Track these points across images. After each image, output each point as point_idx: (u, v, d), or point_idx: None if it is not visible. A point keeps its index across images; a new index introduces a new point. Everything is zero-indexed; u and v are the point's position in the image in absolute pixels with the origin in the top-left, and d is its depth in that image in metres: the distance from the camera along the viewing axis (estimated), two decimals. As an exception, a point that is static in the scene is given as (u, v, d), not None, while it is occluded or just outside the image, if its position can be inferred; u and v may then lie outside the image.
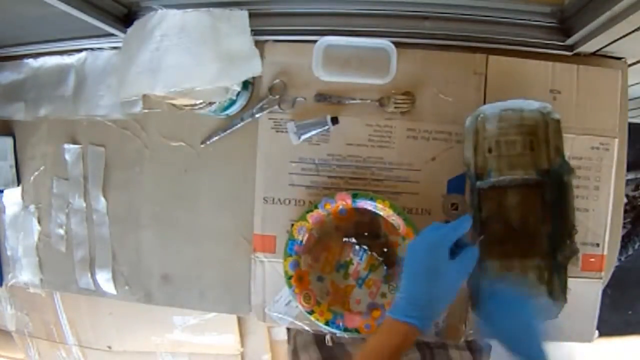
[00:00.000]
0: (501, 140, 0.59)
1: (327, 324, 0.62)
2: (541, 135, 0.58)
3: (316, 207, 0.61)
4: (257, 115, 0.66)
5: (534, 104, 0.58)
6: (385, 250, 0.64)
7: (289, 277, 0.62)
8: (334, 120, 0.63)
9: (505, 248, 0.59)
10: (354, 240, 0.64)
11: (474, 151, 0.59)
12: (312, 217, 0.62)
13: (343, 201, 0.61)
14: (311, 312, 0.62)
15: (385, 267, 0.64)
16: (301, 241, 0.62)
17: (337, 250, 0.65)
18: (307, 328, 0.66)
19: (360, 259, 0.64)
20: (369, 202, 0.61)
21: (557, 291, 0.56)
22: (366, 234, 0.64)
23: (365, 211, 0.62)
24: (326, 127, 0.63)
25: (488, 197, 0.60)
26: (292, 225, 0.62)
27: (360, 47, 0.63)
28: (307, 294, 0.62)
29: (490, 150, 0.60)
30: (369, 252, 0.64)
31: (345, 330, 0.62)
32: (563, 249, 0.56)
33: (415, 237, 0.51)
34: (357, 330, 0.61)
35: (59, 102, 0.75)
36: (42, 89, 0.76)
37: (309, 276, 0.63)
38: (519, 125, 0.59)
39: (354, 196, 0.61)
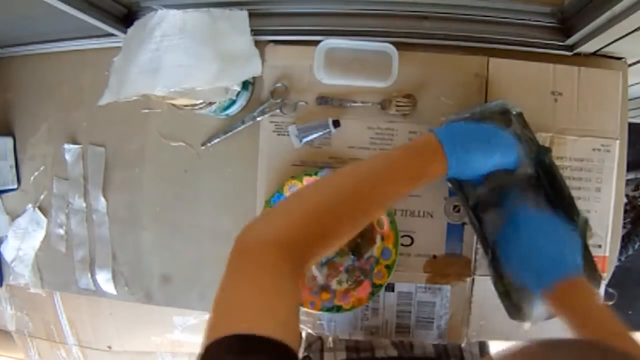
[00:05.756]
0: None
1: None
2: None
3: (315, 174, 0.62)
4: (258, 119, 0.66)
5: (491, 105, 0.57)
6: (359, 242, 0.64)
7: None
8: (336, 123, 0.63)
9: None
10: None
11: None
12: (307, 181, 0.62)
13: None
14: None
15: (352, 257, 0.64)
16: None
17: None
18: (309, 331, 0.66)
19: None
20: None
21: (588, 269, 0.54)
22: None
23: None
24: (328, 130, 0.63)
25: (483, 206, 0.59)
26: (287, 180, 0.62)
27: (361, 50, 0.63)
28: None
29: None
30: None
31: None
32: (575, 224, 0.55)
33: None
34: (300, 303, 0.62)
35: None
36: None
37: None
38: None
39: None
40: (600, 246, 0.63)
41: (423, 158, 0.46)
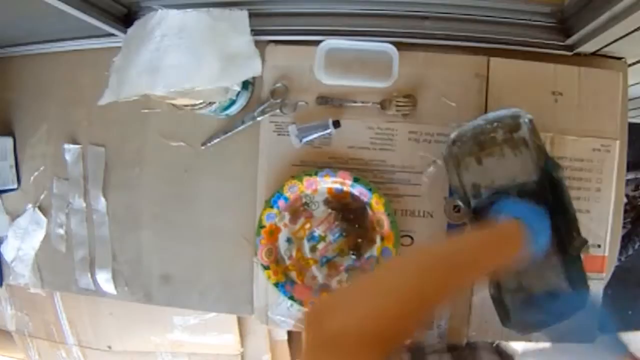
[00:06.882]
0: (482, 156, 0.56)
1: (276, 285, 0.63)
2: (519, 140, 0.58)
3: (316, 174, 0.62)
4: (258, 119, 0.66)
5: (501, 113, 0.56)
6: (360, 241, 0.64)
7: (261, 226, 0.63)
8: (336, 124, 0.63)
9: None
10: (339, 215, 0.64)
11: (458, 177, 0.59)
12: (307, 181, 0.62)
13: (343, 180, 0.62)
14: (266, 268, 0.63)
15: (352, 257, 0.64)
16: (287, 198, 0.63)
17: (317, 222, 0.65)
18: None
19: (334, 240, 0.64)
20: (366, 191, 0.61)
21: (578, 282, 0.55)
22: (351, 217, 0.64)
23: (358, 198, 0.63)
24: (328, 130, 0.63)
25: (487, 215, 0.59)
26: (287, 180, 0.63)
27: (361, 50, 0.63)
28: (270, 249, 0.63)
29: (473, 169, 0.58)
30: (344, 237, 0.64)
31: (290, 298, 0.63)
32: (572, 242, 0.56)
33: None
34: (301, 303, 0.62)
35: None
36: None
37: (279, 233, 0.64)
38: (494, 138, 0.58)
39: (355, 180, 0.61)
40: (600, 246, 0.63)
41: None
